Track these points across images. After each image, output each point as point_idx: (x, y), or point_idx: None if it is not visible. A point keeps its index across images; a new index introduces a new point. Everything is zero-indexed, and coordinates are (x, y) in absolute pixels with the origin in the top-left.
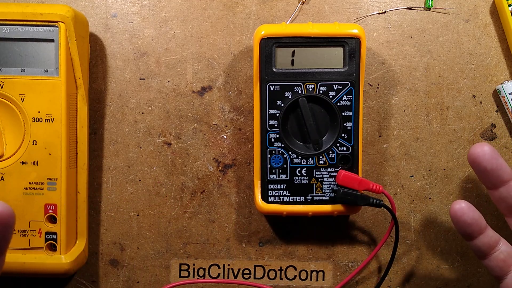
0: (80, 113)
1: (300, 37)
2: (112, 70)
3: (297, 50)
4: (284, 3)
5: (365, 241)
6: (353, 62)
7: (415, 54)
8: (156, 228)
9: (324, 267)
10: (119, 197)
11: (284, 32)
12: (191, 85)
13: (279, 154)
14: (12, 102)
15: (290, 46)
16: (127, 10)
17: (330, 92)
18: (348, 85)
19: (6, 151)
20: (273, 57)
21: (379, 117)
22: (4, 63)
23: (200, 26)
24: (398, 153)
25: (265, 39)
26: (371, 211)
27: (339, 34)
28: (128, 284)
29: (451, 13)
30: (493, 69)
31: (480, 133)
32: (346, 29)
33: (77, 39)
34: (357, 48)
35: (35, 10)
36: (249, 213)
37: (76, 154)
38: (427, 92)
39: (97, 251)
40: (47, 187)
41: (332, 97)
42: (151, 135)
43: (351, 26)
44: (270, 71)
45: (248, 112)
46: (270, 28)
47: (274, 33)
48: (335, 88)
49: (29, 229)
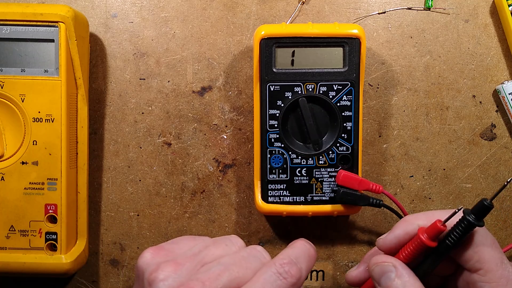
0: (80, 113)
1: (300, 37)
2: (112, 70)
3: (297, 50)
4: (284, 3)
5: (365, 241)
6: (353, 62)
7: (415, 54)
8: (156, 228)
9: (324, 267)
10: (119, 197)
11: (284, 32)
12: (191, 85)
13: (279, 154)
14: (12, 102)
15: (290, 46)
16: (127, 10)
17: (330, 92)
18: (348, 85)
19: (6, 151)
20: (273, 57)
21: (379, 117)
22: (4, 63)
23: (200, 26)
24: (398, 153)
25: (265, 39)
26: (371, 211)
27: (339, 34)
28: (128, 284)
29: (451, 13)
30: (493, 69)
31: (480, 133)
32: (346, 29)
33: (77, 39)
34: (357, 48)
35: (35, 10)
36: (249, 213)
37: (76, 154)
38: (427, 92)
39: (97, 251)
40: (47, 187)
41: (332, 97)
42: (151, 135)
43: (351, 26)
44: (270, 71)
45: (248, 112)
46: (270, 28)
47: (274, 33)
48: (335, 88)
49: (30, 229)
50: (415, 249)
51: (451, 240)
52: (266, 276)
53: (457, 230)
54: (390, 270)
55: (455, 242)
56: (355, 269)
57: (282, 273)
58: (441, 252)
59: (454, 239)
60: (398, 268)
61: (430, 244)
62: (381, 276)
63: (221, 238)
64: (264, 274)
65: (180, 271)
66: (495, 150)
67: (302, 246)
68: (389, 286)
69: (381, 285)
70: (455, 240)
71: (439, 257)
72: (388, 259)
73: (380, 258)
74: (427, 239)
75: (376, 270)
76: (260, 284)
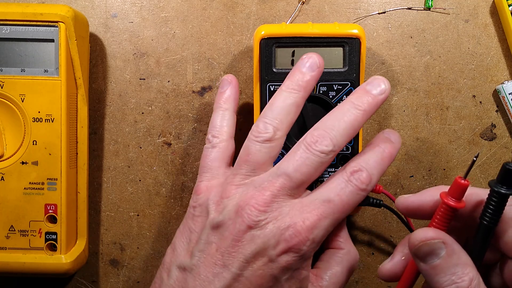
0: (80, 113)
1: (300, 37)
2: (112, 70)
3: (297, 50)
4: (284, 3)
5: (365, 241)
6: (353, 62)
7: (415, 54)
8: (156, 228)
9: None
10: (119, 197)
11: (284, 32)
12: (191, 85)
13: (279, 154)
14: (12, 102)
15: (290, 46)
16: (127, 10)
17: (330, 92)
18: (348, 85)
19: (6, 151)
20: (273, 57)
21: (379, 117)
22: (4, 63)
23: (200, 26)
24: (398, 153)
25: (265, 39)
26: (371, 211)
27: (339, 34)
28: (128, 284)
29: (451, 13)
30: (493, 69)
31: (480, 133)
32: (346, 29)
33: (77, 39)
34: (357, 48)
35: (35, 10)
36: None
37: (76, 154)
38: (427, 92)
39: (97, 251)
40: (47, 187)
41: (332, 97)
42: (151, 135)
43: (351, 26)
44: (270, 71)
45: (248, 112)
46: (270, 28)
47: (274, 33)
48: (335, 88)
49: (29, 229)
50: (443, 216)
51: (487, 219)
52: (338, 181)
53: (491, 205)
54: (439, 247)
55: (493, 220)
56: (389, 261)
57: (353, 180)
58: (482, 235)
59: (490, 216)
60: (448, 244)
61: (458, 205)
62: (427, 255)
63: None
64: (336, 181)
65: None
66: (495, 150)
67: (375, 149)
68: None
69: (427, 264)
70: (491, 217)
71: (483, 242)
72: (434, 233)
73: (425, 233)
74: (453, 201)
75: (423, 249)
76: (334, 190)
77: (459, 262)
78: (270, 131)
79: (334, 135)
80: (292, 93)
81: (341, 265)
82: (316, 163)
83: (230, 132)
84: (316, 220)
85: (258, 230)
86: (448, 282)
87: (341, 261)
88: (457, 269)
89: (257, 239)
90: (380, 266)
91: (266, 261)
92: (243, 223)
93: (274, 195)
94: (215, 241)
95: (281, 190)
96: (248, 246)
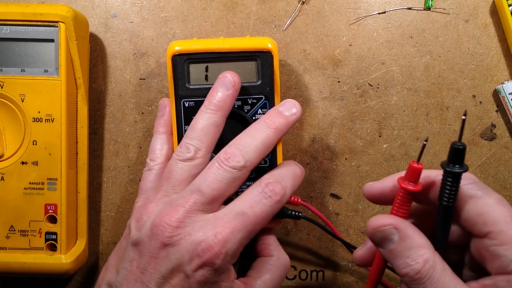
0: (80, 113)
1: (212, 53)
2: (112, 70)
3: (211, 66)
4: (284, 3)
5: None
6: (266, 76)
7: (415, 54)
8: None
9: (324, 267)
10: (119, 197)
11: (195, 48)
12: None
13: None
14: (12, 102)
15: (203, 62)
16: (127, 10)
17: (245, 106)
18: (263, 98)
19: (6, 151)
20: (186, 73)
21: (379, 117)
22: (4, 63)
23: (200, 26)
24: (398, 153)
25: (177, 55)
26: (371, 211)
27: (251, 48)
28: None
29: (451, 13)
30: (493, 69)
31: (480, 133)
32: (257, 43)
33: (77, 39)
34: (270, 61)
35: (35, 10)
36: None
37: (76, 154)
38: (427, 92)
39: (97, 251)
40: (47, 187)
41: (247, 111)
42: (151, 135)
43: (263, 40)
44: (184, 87)
45: None
46: (182, 44)
47: (186, 49)
48: (250, 102)
49: (29, 229)
50: (402, 200)
51: (445, 199)
52: (252, 195)
53: (447, 186)
54: (392, 232)
55: (451, 199)
56: (361, 248)
57: (267, 192)
58: (442, 216)
59: (448, 196)
60: (401, 229)
61: (414, 189)
62: (382, 241)
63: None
64: (250, 193)
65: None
66: (495, 150)
67: (288, 166)
68: (393, 250)
69: (385, 249)
70: (449, 197)
71: (444, 222)
72: (386, 219)
73: (378, 220)
74: (409, 184)
75: (377, 235)
76: (247, 203)
77: (413, 245)
78: (191, 150)
79: (246, 151)
80: (210, 113)
81: (271, 272)
82: (228, 178)
83: (167, 155)
84: (229, 234)
85: (172, 247)
86: (404, 265)
87: (271, 268)
88: (411, 252)
89: (172, 255)
90: (354, 253)
91: (182, 277)
92: (157, 240)
93: (187, 211)
94: (135, 258)
95: (194, 205)
96: (164, 263)
